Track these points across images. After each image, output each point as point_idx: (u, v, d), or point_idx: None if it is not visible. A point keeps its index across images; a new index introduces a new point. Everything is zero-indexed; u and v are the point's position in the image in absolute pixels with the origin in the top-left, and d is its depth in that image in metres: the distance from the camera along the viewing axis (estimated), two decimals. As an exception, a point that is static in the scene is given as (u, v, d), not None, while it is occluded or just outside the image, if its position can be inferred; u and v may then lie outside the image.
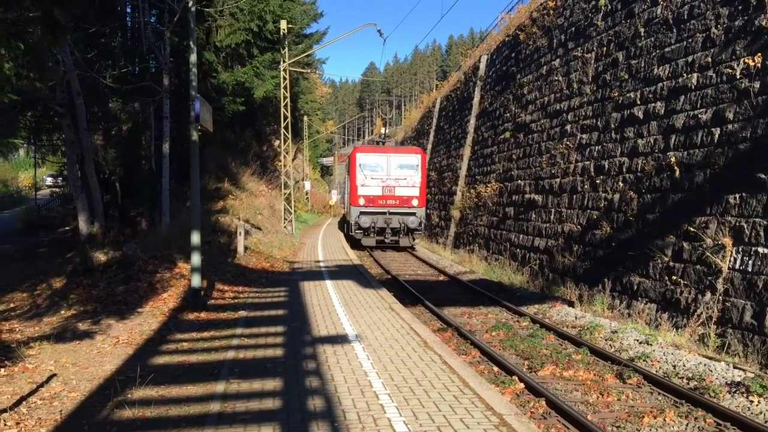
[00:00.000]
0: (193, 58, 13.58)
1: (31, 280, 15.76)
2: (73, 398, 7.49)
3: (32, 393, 7.60)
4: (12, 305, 13.41)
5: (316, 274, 19.40)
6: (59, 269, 16.38)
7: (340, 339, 10.37)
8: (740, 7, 13.89)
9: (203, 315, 12.49)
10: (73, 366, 8.85)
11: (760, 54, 12.92)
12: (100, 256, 15.03)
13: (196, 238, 12.96)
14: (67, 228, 30.34)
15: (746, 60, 13.27)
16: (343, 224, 42.27)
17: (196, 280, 12.98)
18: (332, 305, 13.72)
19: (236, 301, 14.38)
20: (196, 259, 12.93)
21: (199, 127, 13.05)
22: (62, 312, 12.24)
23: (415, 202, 30.98)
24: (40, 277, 15.85)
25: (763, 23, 12.96)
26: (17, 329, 11.08)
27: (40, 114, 25.43)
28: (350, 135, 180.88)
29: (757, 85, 12.87)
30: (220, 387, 7.72)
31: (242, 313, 12.75)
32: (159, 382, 7.96)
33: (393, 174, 30.88)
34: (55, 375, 8.38)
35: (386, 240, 31.14)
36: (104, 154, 25.68)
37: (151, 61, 24.12)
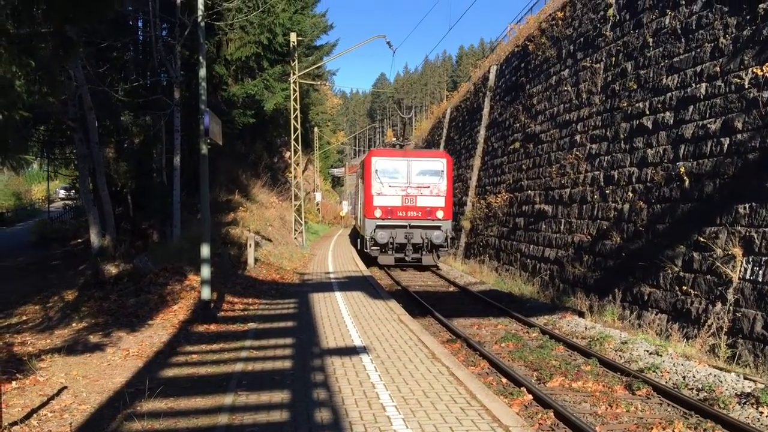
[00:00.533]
0: (203, 72, 13.71)
1: (43, 293, 15.92)
2: (83, 411, 7.55)
3: (43, 406, 7.67)
4: (24, 318, 13.55)
5: (325, 286, 19.45)
6: (71, 282, 16.52)
7: (348, 351, 10.40)
8: (748, 17, 13.89)
9: (213, 327, 12.55)
10: (83, 378, 8.92)
11: (768, 63, 12.90)
12: (112, 269, 15.14)
13: (206, 250, 13.04)
14: (79, 240, 30.58)
15: (755, 69, 13.25)
16: (355, 238, 38.15)
17: (206, 293, 13.05)
18: (341, 317, 13.75)
19: (246, 313, 14.44)
20: (205, 271, 13.01)
21: (209, 141, 13.17)
22: (74, 324, 12.33)
23: (440, 214, 27.02)
24: (52, 290, 16.00)
25: (771, 33, 12.95)
26: (29, 342, 11.19)
27: (53, 128, 25.67)
28: (361, 146, 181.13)
29: (765, 94, 12.85)
30: (228, 399, 7.77)
31: (252, 325, 12.81)
32: (168, 394, 8.01)
33: (415, 181, 27.08)
34: (65, 388, 8.45)
35: (407, 258, 27.22)
36: (116, 167, 25.90)
37: (163, 75, 24.38)
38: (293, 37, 30.54)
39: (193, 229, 20.58)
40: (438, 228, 26.96)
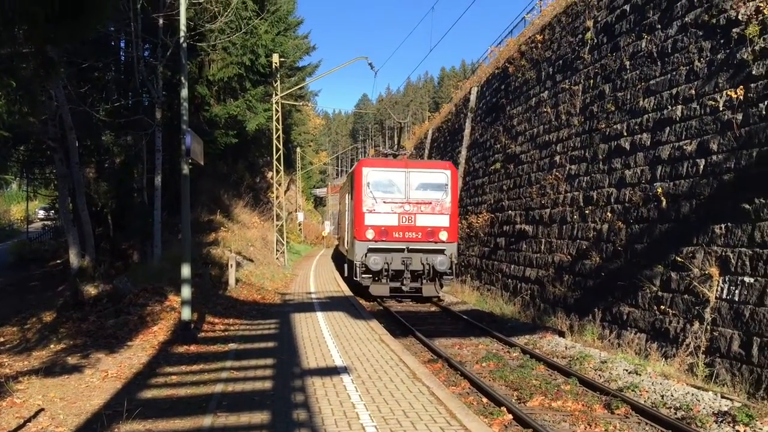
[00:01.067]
0: (185, 92, 13.75)
1: (21, 314, 15.77)
2: (60, 433, 7.48)
3: (20, 428, 7.59)
4: (1, 339, 13.40)
5: (307, 306, 19.41)
6: (50, 303, 16.39)
7: (329, 371, 10.39)
8: (722, 41, 14.18)
9: (193, 348, 12.48)
10: (61, 400, 8.84)
11: (742, 86, 13.16)
12: (91, 290, 15.04)
13: (186, 270, 13.00)
14: (58, 261, 30.32)
15: (729, 92, 13.51)
16: (340, 262, 34.26)
17: (186, 313, 12.99)
18: (322, 337, 13.73)
19: (226, 333, 14.38)
20: (186, 291, 12.95)
21: (190, 161, 13.17)
22: (52, 346, 12.22)
23: (443, 236, 22.92)
24: (31, 311, 15.85)
25: (745, 56, 13.23)
26: (6, 363, 11.06)
27: (33, 148, 25.59)
28: (343, 166, 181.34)
29: (740, 116, 13.10)
30: (207, 420, 7.73)
31: (232, 346, 12.75)
32: (147, 416, 7.96)
33: (414, 196, 23.03)
34: (42, 410, 8.36)
35: (404, 287, 23.12)
36: (96, 187, 25.79)
37: (144, 95, 24.41)
38: (276, 58, 30.70)
39: (174, 250, 20.50)
40: (441, 252, 22.79)
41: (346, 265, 25.41)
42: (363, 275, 22.82)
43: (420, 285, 23.29)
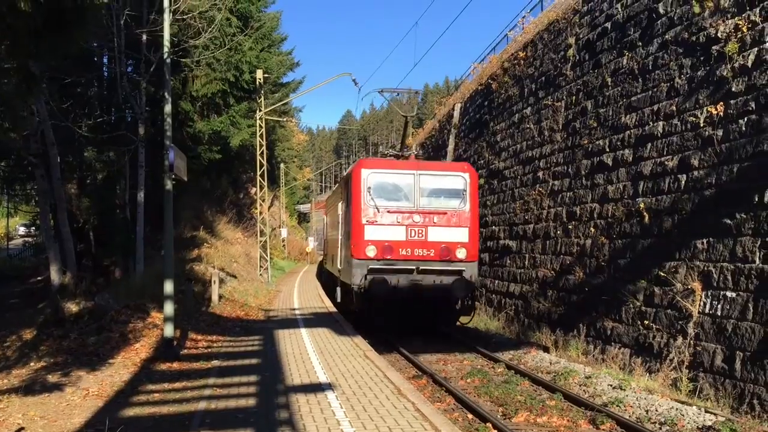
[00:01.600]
0: (168, 108, 13.70)
1: (0, 332, 15.52)
2: (40, 452, 7.36)
3: (-2, 448, 7.46)
4: (-20, 358, 13.18)
5: (291, 322, 19.30)
6: (30, 320, 16.14)
7: (313, 387, 10.31)
8: (702, 58, 14.37)
9: (176, 365, 12.35)
10: (41, 419, 8.70)
11: (722, 103, 13.33)
12: (72, 307, 14.88)
13: (169, 287, 12.89)
14: (39, 278, 29.96)
15: (709, 108, 13.67)
16: (327, 281, 30.46)
17: (169, 330, 12.86)
18: (306, 354, 13.65)
19: (210, 350, 14.26)
20: (168, 308, 12.84)
21: (173, 176, 13.10)
22: (32, 364, 12.03)
23: (461, 253, 18.10)
24: (10, 329, 15.59)
25: (725, 73, 13.41)
26: (-16, 382, 10.88)
27: (14, 164, 25.38)
28: (328, 182, 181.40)
29: (720, 132, 13.25)
30: (190, 439, 7.64)
31: (215, 363, 12.64)
32: (128, 434, 7.86)
33: (425, 205, 18.42)
34: (23, 428, 8.23)
35: (413, 318, 19.08)
36: (78, 203, 25.58)
37: (127, 111, 24.28)
38: (260, 74, 30.75)
39: (156, 266, 20.33)
40: (459, 273, 17.85)
41: (339, 290, 21.09)
42: (361, 303, 18.06)
43: (433, 315, 19.14)
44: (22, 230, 54.32)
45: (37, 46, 9.49)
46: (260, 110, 32.61)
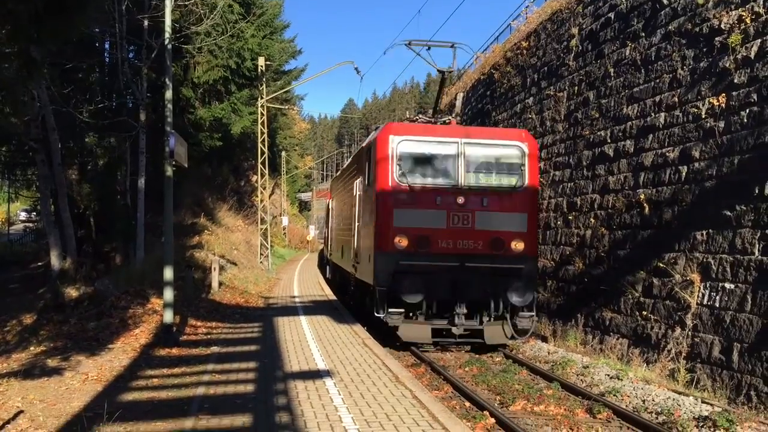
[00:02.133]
0: (169, 94, 13.69)
1: (0, 317, 15.58)
2: (39, 435, 7.41)
3: (-3, 430, 7.51)
4: (-20, 341, 13.24)
5: (290, 310, 19.35)
6: (30, 305, 16.23)
7: (312, 374, 10.36)
8: (705, 49, 14.32)
9: (175, 351, 12.39)
10: (40, 402, 8.75)
11: (724, 94, 13.29)
12: (72, 292, 14.94)
13: (168, 273, 12.92)
14: (39, 263, 30.02)
15: (711, 100, 13.64)
16: (333, 275, 27.35)
17: (169, 316, 12.91)
18: (305, 341, 13.69)
19: (209, 336, 14.31)
20: (168, 294, 12.87)
21: (174, 163, 13.11)
22: (31, 348, 12.10)
23: (518, 245, 14.37)
24: (11, 313, 15.67)
25: (727, 65, 13.37)
26: (-15, 366, 10.94)
27: (14, 149, 25.39)
28: (329, 170, 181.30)
29: (721, 124, 13.22)
30: (189, 423, 7.68)
31: (214, 349, 12.68)
32: (127, 418, 7.89)
33: (471, 182, 14.52)
34: (22, 412, 8.27)
35: (455, 329, 14.39)
36: (79, 188, 25.61)
37: (129, 97, 24.25)
38: (261, 61, 30.67)
39: (156, 252, 20.37)
40: (517, 272, 14.26)
41: (352, 289, 17.57)
42: (390, 310, 14.12)
43: (480, 325, 14.62)
44: (23, 215, 54.41)
45: (38, 30, 9.46)
46: (262, 98, 32.55)
